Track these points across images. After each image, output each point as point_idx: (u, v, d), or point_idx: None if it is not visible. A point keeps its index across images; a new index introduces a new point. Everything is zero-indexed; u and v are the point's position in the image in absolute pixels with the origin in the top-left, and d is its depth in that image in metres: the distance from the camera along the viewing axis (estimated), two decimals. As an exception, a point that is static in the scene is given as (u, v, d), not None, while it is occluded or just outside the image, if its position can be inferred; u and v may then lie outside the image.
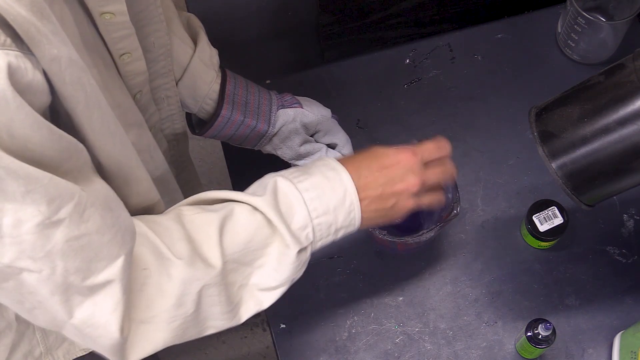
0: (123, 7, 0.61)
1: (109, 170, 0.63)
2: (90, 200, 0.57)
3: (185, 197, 0.74)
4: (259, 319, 1.73)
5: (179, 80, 0.87)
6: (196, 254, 0.67)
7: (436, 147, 0.79)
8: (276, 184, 0.72)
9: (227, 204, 0.71)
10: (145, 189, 0.70)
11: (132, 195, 0.68)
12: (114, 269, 0.60)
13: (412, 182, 0.75)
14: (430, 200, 0.79)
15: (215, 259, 0.67)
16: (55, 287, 0.57)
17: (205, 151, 1.89)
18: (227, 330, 1.93)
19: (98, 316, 0.60)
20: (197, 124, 0.94)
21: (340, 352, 0.93)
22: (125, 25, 0.63)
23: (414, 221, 0.92)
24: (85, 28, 0.59)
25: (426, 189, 0.77)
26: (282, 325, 0.95)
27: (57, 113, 0.56)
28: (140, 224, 0.67)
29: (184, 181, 1.00)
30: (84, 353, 0.85)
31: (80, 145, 0.57)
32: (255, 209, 0.70)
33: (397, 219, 0.78)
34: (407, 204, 0.76)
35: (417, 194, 0.76)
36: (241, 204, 0.71)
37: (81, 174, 0.58)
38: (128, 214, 0.64)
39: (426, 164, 0.77)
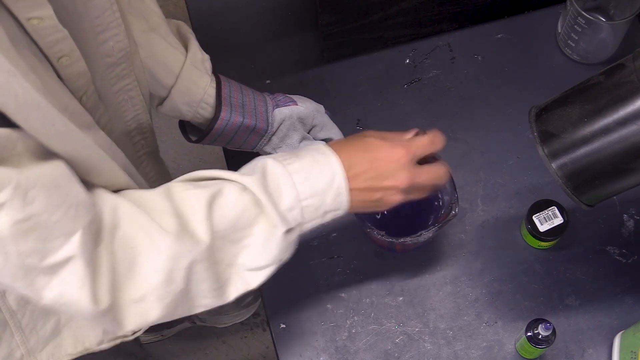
0: (50, 12, 0.60)
1: (66, 161, 0.63)
2: (32, 182, 0.57)
3: None
4: (259, 319, 1.73)
5: (172, 87, 0.87)
6: (184, 229, 0.67)
7: (430, 142, 0.78)
8: (266, 165, 0.72)
9: (217, 182, 0.72)
10: (113, 179, 0.70)
11: (99, 184, 0.68)
12: (72, 245, 0.60)
13: (401, 179, 0.75)
14: (418, 196, 0.79)
15: (204, 234, 0.68)
16: (14, 272, 0.58)
17: (205, 151, 1.89)
18: (227, 330, 1.93)
19: (68, 294, 0.61)
20: (192, 131, 0.94)
21: (340, 352, 0.93)
22: (57, 29, 0.62)
23: (412, 222, 0.92)
24: (16, 34, 0.58)
25: (415, 187, 0.77)
26: (282, 325, 0.95)
27: None
28: (125, 202, 0.67)
29: (159, 177, 1.00)
30: (69, 358, 0.85)
31: (15, 136, 0.57)
32: (245, 188, 0.71)
33: (383, 210, 0.79)
34: (394, 199, 0.76)
35: (406, 190, 0.76)
36: (231, 182, 0.72)
37: (22, 159, 0.58)
38: (81, 189, 0.63)
39: (420, 161, 0.77)
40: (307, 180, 0.72)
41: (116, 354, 1.18)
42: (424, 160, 0.79)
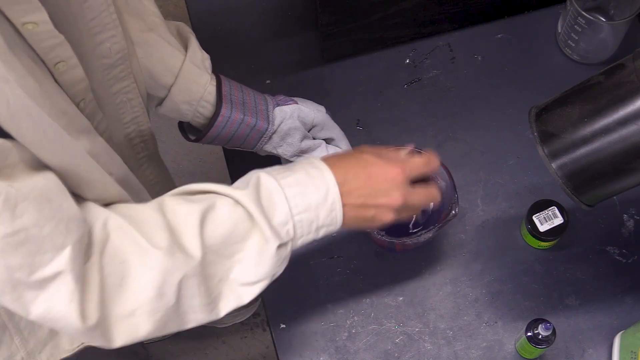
0: (44, 16, 0.60)
1: (56, 173, 0.62)
2: (22, 195, 0.56)
3: (156, 195, 0.74)
4: (259, 319, 1.73)
5: (172, 85, 0.87)
6: (176, 243, 0.67)
7: (425, 163, 0.79)
8: (259, 179, 0.72)
9: (210, 196, 0.71)
10: (104, 191, 0.69)
11: (89, 198, 0.68)
12: (61, 260, 0.59)
13: (394, 198, 0.75)
14: (409, 215, 0.80)
15: (195, 249, 0.67)
16: (2, 286, 0.57)
17: (205, 151, 1.89)
18: (227, 330, 1.93)
19: (56, 310, 0.60)
20: (192, 132, 0.94)
21: (340, 352, 0.93)
22: (52, 34, 0.62)
23: (411, 222, 0.92)
24: (13, 39, 0.58)
25: (408, 206, 0.78)
26: (282, 325, 0.95)
27: None
28: (116, 216, 0.66)
29: (160, 180, 1.00)
30: (68, 354, 0.85)
31: (7, 146, 0.57)
32: (237, 202, 0.70)
33: (374, 229, 0.79)
34: (386, 217, 0.76)
35: (398, 209, 0.76)
36: (224, 196, 0.71)
37: (14, 171, 0.57)
38: (72, 203, 0.63)
39: (413, 182, 0.78)
40: (301, 194, 0.71)
41: (118, 352, 1.18)
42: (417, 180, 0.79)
